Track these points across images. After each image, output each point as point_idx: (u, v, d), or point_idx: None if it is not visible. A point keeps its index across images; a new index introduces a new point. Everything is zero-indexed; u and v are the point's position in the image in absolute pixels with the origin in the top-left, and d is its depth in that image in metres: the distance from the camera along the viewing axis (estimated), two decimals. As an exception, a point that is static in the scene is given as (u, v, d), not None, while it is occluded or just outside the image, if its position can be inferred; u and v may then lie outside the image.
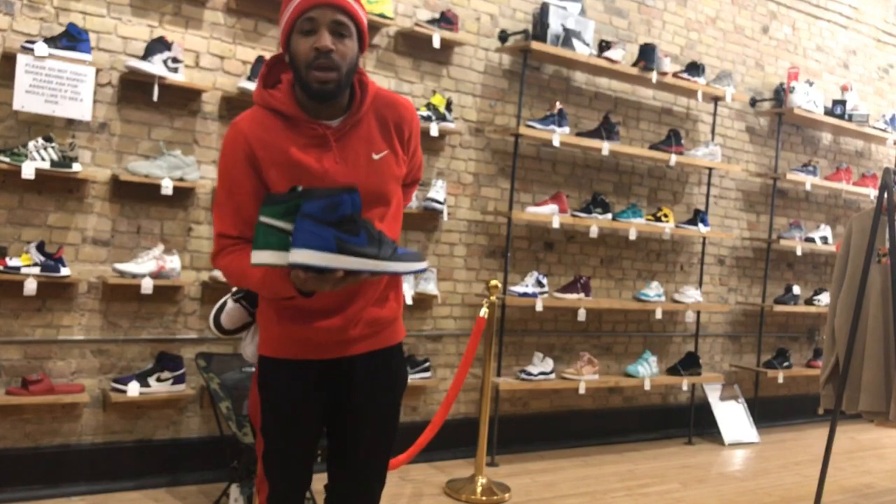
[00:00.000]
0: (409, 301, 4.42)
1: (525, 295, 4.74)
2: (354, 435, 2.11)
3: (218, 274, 3.94)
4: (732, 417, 5.80)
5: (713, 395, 5.81)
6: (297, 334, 2.01)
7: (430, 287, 4.55)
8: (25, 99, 3.47)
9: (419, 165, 2.22)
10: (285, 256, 1.72)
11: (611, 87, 5.40)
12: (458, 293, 4.83)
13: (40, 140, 3.50)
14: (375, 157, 1.98)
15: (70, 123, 3.68)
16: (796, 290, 6.19)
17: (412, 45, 4.60)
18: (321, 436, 2.16)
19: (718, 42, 5.96)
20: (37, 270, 3.49)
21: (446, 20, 4.56)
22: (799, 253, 6.11)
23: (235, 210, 1.95)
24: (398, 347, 2.16)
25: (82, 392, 3.66)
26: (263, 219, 1.75)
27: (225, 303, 2.25)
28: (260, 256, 1.75)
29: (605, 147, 4.95)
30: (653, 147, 5.33)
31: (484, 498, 4.09)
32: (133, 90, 3.82)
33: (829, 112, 6.23)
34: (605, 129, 5.01)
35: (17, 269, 3.46)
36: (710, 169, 5.70)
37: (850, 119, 6.31)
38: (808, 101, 6.06)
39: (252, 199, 1.92)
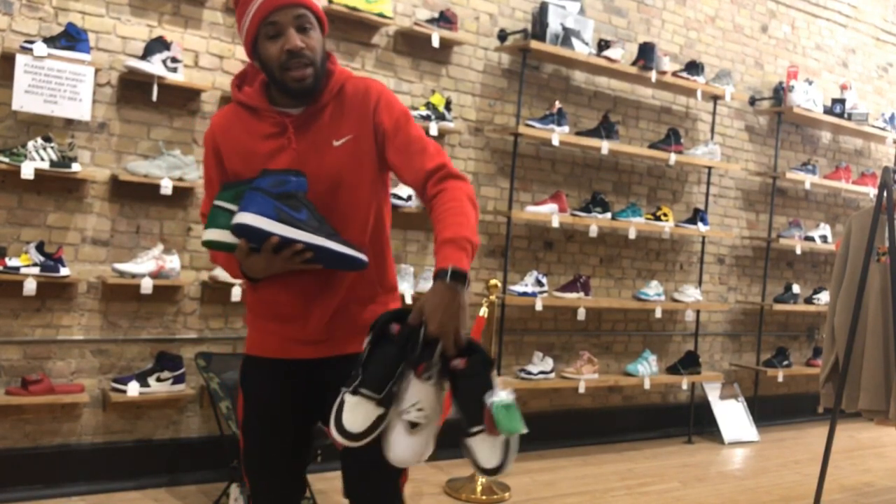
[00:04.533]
0: (408, 300, 4.42)
1: (525, 294, 4.74)
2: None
3: (217, 274, 3.94)
4: (732, 416, 5.80)
5: (713, 393, 5.81)
6: (272, 332, 2.02)
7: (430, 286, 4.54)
8: (24, 99, 3.47)
9: (418, 141, 1.96)
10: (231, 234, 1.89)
11: (610, 87, 5.40)
12: (458, 292, 4.82)
13: (39, 140, 3.50)
14: (336, 143, 1.96)
15: (69, 123, 3.67)
16: (796, 288, 6.19)
17: (411, 44, 4.59)
18: (309, 439, 2.10)
19: (717, 41, 5.96)
20: (36, 270, 3.48)
21: (445, 19, 4.55)
22: (798, 252, 6.12)
23: (211, 197, 2.05)
24: None
25: (82, 392, 3.66)
26: (216, 202, 1.93)
27: (342, 401, 1.77)
28: (210, 234, 1.93)
29: (605, 146, 4.95)
30: (652, 146, 5.33)
31: (484, 497, 4.09)
32: (132, 90, 3.82)
33: (828, 111, 6.23)
34: (605, 129, 5.01)
35: (17, 269, 3.45)
36: (710, 168, 5.70)
37: (849, 118, 6.31)
38: (808, 99, 6.06)
39: (218, 190, 2.04)
